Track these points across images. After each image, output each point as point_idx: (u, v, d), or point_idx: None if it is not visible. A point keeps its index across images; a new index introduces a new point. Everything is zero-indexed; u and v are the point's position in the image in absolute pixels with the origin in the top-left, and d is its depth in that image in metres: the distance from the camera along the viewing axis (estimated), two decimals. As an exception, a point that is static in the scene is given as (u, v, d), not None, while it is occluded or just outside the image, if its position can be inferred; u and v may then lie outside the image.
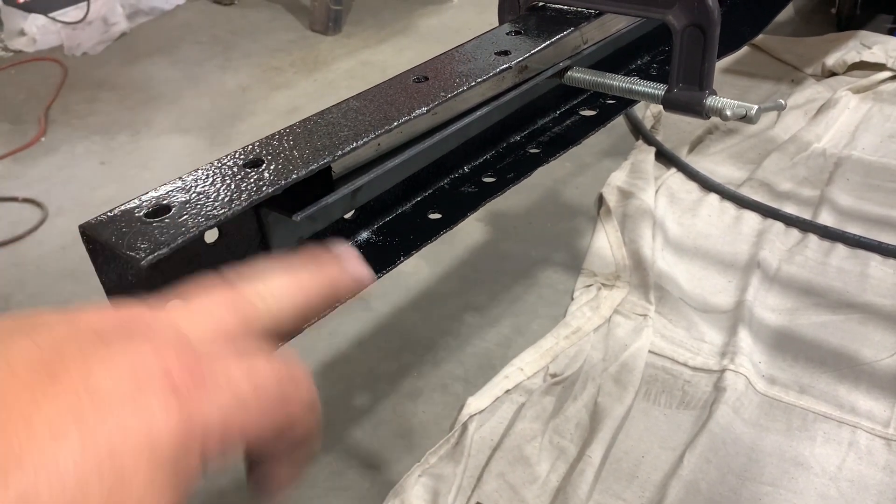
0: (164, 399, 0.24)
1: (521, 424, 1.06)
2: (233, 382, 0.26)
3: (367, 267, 0.35)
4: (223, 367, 0.27)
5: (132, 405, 0.23)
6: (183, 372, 0.25)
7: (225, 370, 0.26)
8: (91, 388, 0.23)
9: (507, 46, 0.67)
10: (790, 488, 0.96)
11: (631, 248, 1.36)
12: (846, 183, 1.52)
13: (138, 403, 0.24)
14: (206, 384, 0.25)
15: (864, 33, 1.99)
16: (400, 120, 0.57)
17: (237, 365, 0.27)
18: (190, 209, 0.46)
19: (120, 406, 0.23)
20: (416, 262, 1.41)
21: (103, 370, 0.24)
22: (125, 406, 0.23)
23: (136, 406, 0.24)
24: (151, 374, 0.24)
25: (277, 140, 0.54)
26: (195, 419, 0.25)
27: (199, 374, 0.25)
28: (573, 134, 0.83)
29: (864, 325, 1.19)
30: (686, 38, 0.66)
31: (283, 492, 0.32)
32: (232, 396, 0.26)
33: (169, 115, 2.08)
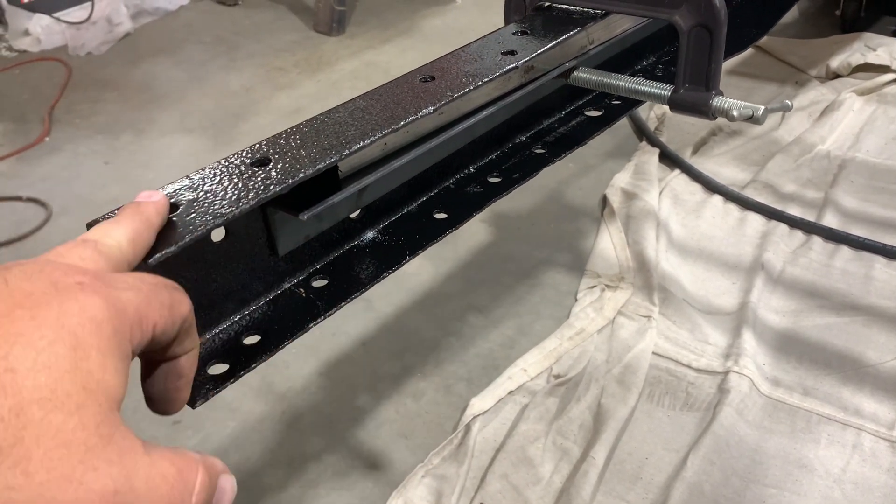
0: (84, 293, 0.31)
1: (525, 425, 1.06)
2: (130, 283, 0.34)
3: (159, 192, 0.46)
4: (119, 276, 0.35)
5: (60, 296, 0.31)
6: (90, 277, 0.33)
7: (121, 277, 0.35)
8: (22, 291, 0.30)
9: (514, 46, 0.67)
10: (794, 490, 0.96)
11: (634, 250, 1.36)
12: (850, 185, 1.52)
13: (64, 295, 0.31)
14: (112, 283, 0.33)
15: (869, 35, 1.99)
16: (406, 119, 0.57)
17: (129, 275, 0.36)
18: (198, 207, 0.46)
19: (52, 297, 0.30)
20: (419, 263, 1.41)
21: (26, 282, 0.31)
22: (56, 297, 0.30)
23: (65, 295, 0.31)
24: (67, 282, 0.32)
25: (284, 139, 0.54)
26: (114, 304, 0.32)
27: (103, 278, 0.33)
28: (579, 134, 0.83)
29: (869, 327, 1.19)
30: (693, 38, 0.66)
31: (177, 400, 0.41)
32: (134, 292, 0.34)
33: (173, 115, 2.08)
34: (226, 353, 0.54)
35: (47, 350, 0.29)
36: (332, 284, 0.62)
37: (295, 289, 0.61)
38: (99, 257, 0.37)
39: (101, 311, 0.31)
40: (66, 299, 0.31)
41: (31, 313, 0.29)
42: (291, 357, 1.23)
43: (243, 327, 0.57)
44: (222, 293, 0.55)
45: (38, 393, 0.28)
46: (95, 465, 0.29)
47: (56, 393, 0.28)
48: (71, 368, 0.29)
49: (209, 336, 0.55)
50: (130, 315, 0.33)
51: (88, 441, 0.29)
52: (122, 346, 0.32)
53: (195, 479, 0.33)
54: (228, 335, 0.56)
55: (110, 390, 0.30)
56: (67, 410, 0.28)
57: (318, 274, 0.63)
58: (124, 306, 0.32)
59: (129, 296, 0.33)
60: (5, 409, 0.27)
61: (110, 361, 0.31)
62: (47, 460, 0.27)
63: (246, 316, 0.57)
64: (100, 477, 0.29)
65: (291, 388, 1.18)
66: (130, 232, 0.40)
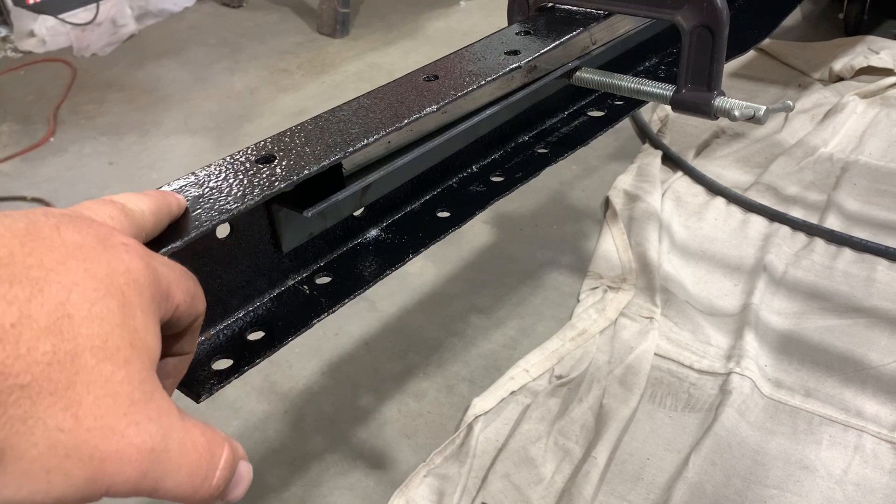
0: (129, 255, 0.32)
1: (527, 426, 1.06)
2: (164, 261, 0.35)
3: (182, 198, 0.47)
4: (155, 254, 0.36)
5: (108, 254, 0.32)
6: (133, 242, 0.34)
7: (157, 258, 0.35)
8: (74, 243, 0.31)
9: (517, 46, 0.68)
10: (796, 492, 0.96)
11: (637, 251, 1.36)
12: (853, 187, 1.52)
13: (111, 253, 0.32)
14: (151, 254, 0.34)
15: (872, 38, 1.99)
16: (410, 118, 0.57)
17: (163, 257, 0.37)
18: (203, 203, 0.47)
19: (101, 253, 0.31)
20: (422, 264, 1.42)
21: (77, 234, 0.31)
22: (104, 253, 0.31)
23: (112, 253, 0.32)
24: (113, 241, 0.33)
25: (289, 137, 0.55)
26: (153, 272, 0.33)
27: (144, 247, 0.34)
28: (581, 134, 0.83)
29: (871, 329, 1.19)
30: (695, 38, 0.66)
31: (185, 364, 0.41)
32: (168, 269, 0.35)
33: (177, 116, 2.09)
34: (230, 349, 0.54)
35: (100, 302, 0.30)
36: (335, 281, 0.62)
37: (299, 286, 0.61)
38: (125, 219, 0.38)
39: (143, 275, 0.32)
40: (113, 258, 0.32)
41: (84, 265, 0.30)
42: (294, 356, 1.23)
43: (247, 323, 0.57)
44: (227, 289, 0.56)
45: (91, 341, 0.29)
46: (137, 419, 0.29)
47: (108, 344, 0.29)
48: (121, 323, 0.30)
49: (214, 332, 0.55)
50: (163, 286, 0.34)
51: (133, 395, 0.30)
52: (157, 311, 0.33)
53: (221, 454, 0.33)
54: (233, 331, 0.56)
55: (151, 350, 0.32)
56: (116, 362, 0.29)
57: (321, 271, 0.63)
58: (159, 276, 0.34)
59: (165, 270, 0.35)
60: (63, 353, 0.28)
61: (151, 323, 0.32)
62: (96, 408, 0.28)
63: (250, 312, 0.58)
64: (140, 432, 0.29)
65: (294, 388, 1.19)
66: (154, 206, 0.41)
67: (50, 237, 0.30)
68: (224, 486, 0.33)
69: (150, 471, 0.30)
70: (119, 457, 0.29)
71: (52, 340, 0.28)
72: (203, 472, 0.32)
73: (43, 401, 0.27)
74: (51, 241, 0.30)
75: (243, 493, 0.36)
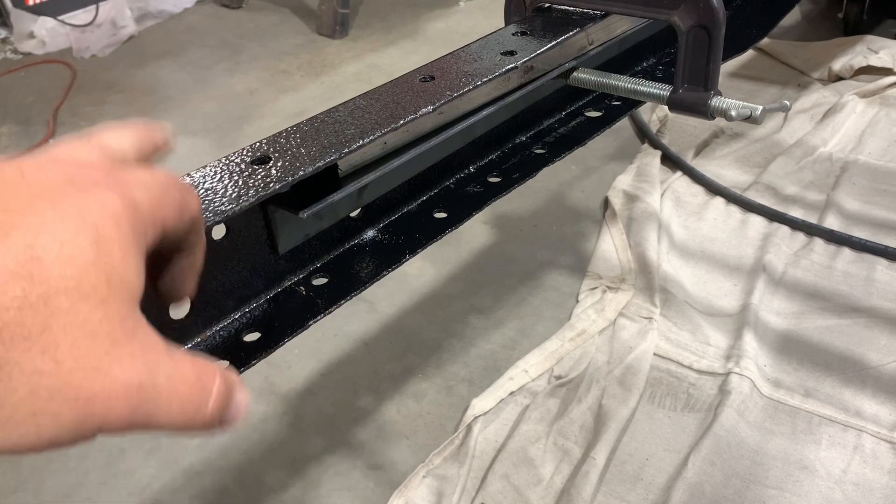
0: (100, 189, 0.31)
1: (526, 426, 1.06)
2: (142, 180, 0.34)
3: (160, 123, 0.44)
4: (131, 171, 0.34)
5: (78, 191, 0.30)
6: (103, 174, 0.32)
7: (133, 173, 0.34)
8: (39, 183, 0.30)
9: (513, 47, 0.68)
10: (795, 492, 0.96)
11: (636, 252, 1.36)
12: (852, 187, 1.52)
13: (82, 190, 0.30)
14: (126, 182, 0.33)
15: (871, 38, 1.99)
16: (406, 118, 0.57)
17: (140, 171, 0.35)
18: (198, 205, 0.47)
19: (70, 192, 0.30)
20: (421, 265, 1.42)
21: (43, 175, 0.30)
22: (74, 191, 0.30)
23: (83, 191, 0.30)
24: (83, 177, 0.31)
25: (285, 138, 0.55)
26: (130, 202, 0.31)
27: (116, 175, 0.33)
28: (579, 135, 0.83)
29: (870, 328, 1.19)
30: (691, 38, 0.66)
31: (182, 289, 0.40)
32: (147, 190, 0.33)
33: (176, 117, 2.09)
34: (226, 351, 0.54)
35: (71, 241, 0.28)
36: (332, 283, 0.62)
37: (295, 287, 0.61)
38: (104, 159, 0.36)
39: (118, 207, 0.31)
40: (84, 194, 0.30)
41: (52, 205, 0.29)
42: (293, 358, 1.23)
43: (244, 325, 0.57)
44: (223, 291, 0.56)
45: (64, 283, 0.28)
46: (121, 357, 0.29)
47: (82, 284, 0.28)
48: (95, 261, 0.29)
49: (210, 333, 0.55)
50: (145, 213, 0.32)
51: (114, 334, 0.29)
52: (138, 243, 0.32)
53: (213, 385, 0.33)
54: (229, 332, 0.56)
55: (131, 286, 0.30)
56: (93, 302, 0.28)
57: (318, 272, 0.63)
58: (138, 204, 0.32)
59: (143, 194, 0.33)
60: (34, 296, 0.27)
61: (130, 257, 0.31)
62: (75, 349, 0.28)
63: (246, 313, 0.58)
64: (125, 369, 0.29)
65: (293, 389, 1.19)
66: (135, 142, 0.39)
67: (13, 181, 0.29)
68: (219, 414, 0.33)
69: (139, 406, 0.29)
70: (106, 395, 0.28)
71: (22, 284, 0.27)
72: (195, 403, 0.32)
73: (17, 346, 0.27)
74: (14, 184, 0.29)
75: (239, 418, 0.36)
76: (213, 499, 1.03)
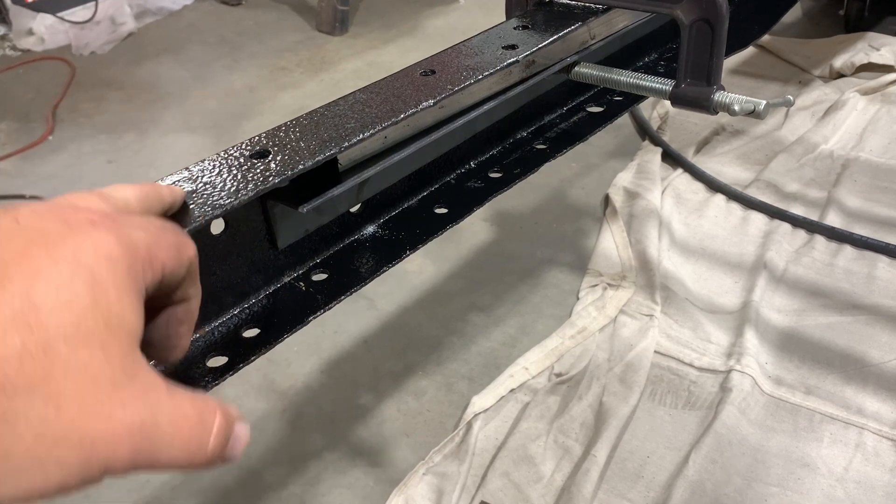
0: (96, 231, 0.31)
1: (526, 424, 1.06)
2: (138, 223, 0.34)
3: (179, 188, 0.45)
4: (127, 216, 0.35)
5: (74, 234, 0.30)
6: (99, 216, 0.33)
7: (129, 217, 0.35)
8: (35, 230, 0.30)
9: (515, 41, 0.67)
10: (796, 489, 0.96)
11: (637, 249, 1.36)
12: (853, 184, 1.52)
13: (77, 232, 0.31)
14: (122, 223, 0.33)
15: (872, 35, 1.98)
16: (406, 112, 0.56)
17: (136, 216, 0.36)
18: (196, 199, 0.46)
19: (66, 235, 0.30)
20: (421, 262, 1.41)
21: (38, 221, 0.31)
22: (69, 234, 0.30)
23: (78, 233, 0.31)
24: (78, 219, 0.31)
25: (284, 132, 0.54)
26: (126, 243, 0.32)
27: (112, 217, 0.33)
28: (580, 130, 0.83)
29: (872, 326, 1.18)
30: (694, 32, 0.66)
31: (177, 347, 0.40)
32: (144, 231, 0.34)
33: (176, 114, 2.08)
34: (225, 346, 0.54)
35: (67, 287, 0.29)
36: (331, 278, 0.62)
37: (295, 282, 0.61)
38: (104, 204, 0.37)
39: (114, 248, 0.31)
40: (79, 237, 0.31)
41: (46, 251, 0.29)
42: (293, 355, 1.23)
43: (243, 320, 0.57)
44: (222, 286, 0.55)
45: (62, 330, 0.28)
46: (123, 399, 0.29)
47: (80, 330, 0.29)
48: (91, 305, 0.29)
49: (208, 329, 0.55)
50: (142, 254, 0.33)
51: (115, 377, 0.29)
52: (136, 283, 0.32)
53: (213, 422, 0.33)
54: (228, 328, 0.56)
55: (130, 327, 0.31)
56: (93, 348, 0.29)
57: (317, 268, 0.63)
58: (135, 245, 0.33)
59: (140, 234, 0.33)
60: (33, 345, 0.27)
61: (127, 298, 0.31)
62: (77, 395, 0.28)
63: (245, 309, 0.57)
64: (127, 412, 0.29)
65: (293, 386, 1.18)
66: (140, 193, 0.40)
67: (9, 229, 0.30)
68: (220, 451, 0.34)
69: (142, 447, 0.30)
70: (110, 437, 0.29)
71: (20, 335, 0.27)
72: (196, 442, 0.32)
73: (20, 396, 0.27)
74: (10, 232, 0.30)
75: (241, 453, 0.36)
76: (212, 496, 1.03)
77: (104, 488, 1.04)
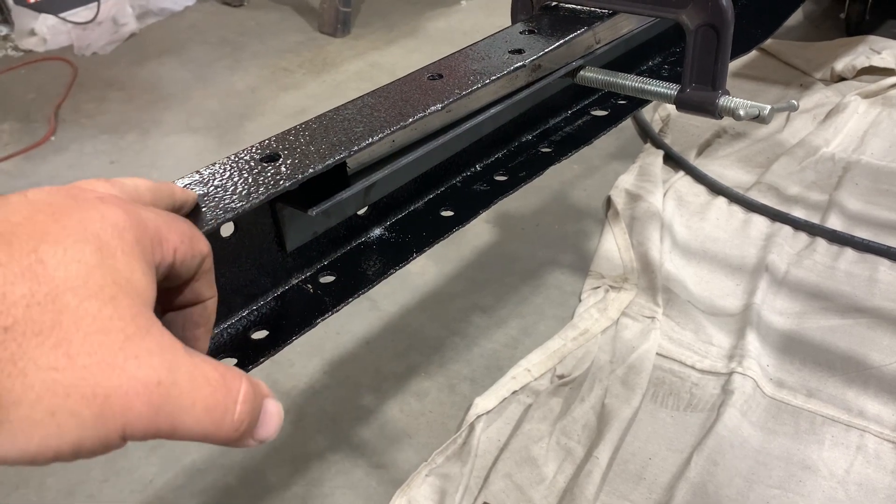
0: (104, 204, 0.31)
1: (529, 425, 1.06)
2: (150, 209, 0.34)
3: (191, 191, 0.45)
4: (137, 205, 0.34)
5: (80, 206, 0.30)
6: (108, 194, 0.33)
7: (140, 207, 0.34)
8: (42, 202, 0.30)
9: (521, 45, 0.68)
10: (798, 491, 0.96)
11: (639, 251, 1.36)
12: (855, 187, 1.52)
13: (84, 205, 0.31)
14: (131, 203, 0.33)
15: (874, 38, 1.99)
16: (415, 117, 0.57)
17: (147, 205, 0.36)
18: (208, 202, 0.47)
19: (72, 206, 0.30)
20: (423, 263, 1.41)
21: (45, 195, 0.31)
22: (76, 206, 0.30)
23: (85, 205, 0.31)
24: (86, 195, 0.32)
25: (294, 135, 0.55)
26: (134, 217, 0.32)
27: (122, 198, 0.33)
28: (585, 133, 0.83)
29: (873, 329, 1.19)
30: (699, 37, 0.66)
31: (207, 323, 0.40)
32: (154, 214, 0.34)
33: (178, 115, 2.09)
34: (234, 348, 0.54)
35: (73, 247, 0.28)
36: (339, 280, 0.62)
37: (303, 284, 0.61)
38: (114, 190, 0.36)
39: (122, 219, 0.31)
40: (86, 208, 0.30)
41: (53, 217, 0.29)
42: (296, 356, 1.23)
43: (251, 322, 0.57)
44: (231, 288, 0.56)
45: (70, 282, 0.28)
46: (136, 353, 0.28)
47: (88, 283, 0.28)
48: (99, 264, 0.29)
49: (217, 331, 0.55)
50: (151, 230, 0.32)
51: (126, 329, 0.28)
52: (145, 254, 0.31)
53: (239, 387, 0.31)
54: (237, 330, 0.56)
55: (140, 289, 0.30)
56: (102, 300, 0.28)
57: (325, 270, 0.63)
58: (144, 221, 0.32)
59: (149, 215, 0.33)
60: (41, 295, 0.27)
61: (137, 264, 0.30)
62: (87, 344, 0.27)
63: (254, 311, 0.58)
64: (142, 367, 0.28)
65: (296, 387, 1.19)
66: (151, 185, 0.40)
67: (17, 201, 0.30)
68: (248, 421, 0.32)
69: (161, 405, 0.28)
70: (124, 391, 0.28)
71: (28, 284, 0.27)
72: (222, 405, 0.30)
73: (29, 341, 0.26)
74: (17, 203, 0.30)
75: (275, 432, 0.34)
76: (215, 496, 1.03)
77: (108, 488, 1.04)
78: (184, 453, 1.09)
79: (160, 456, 1.08)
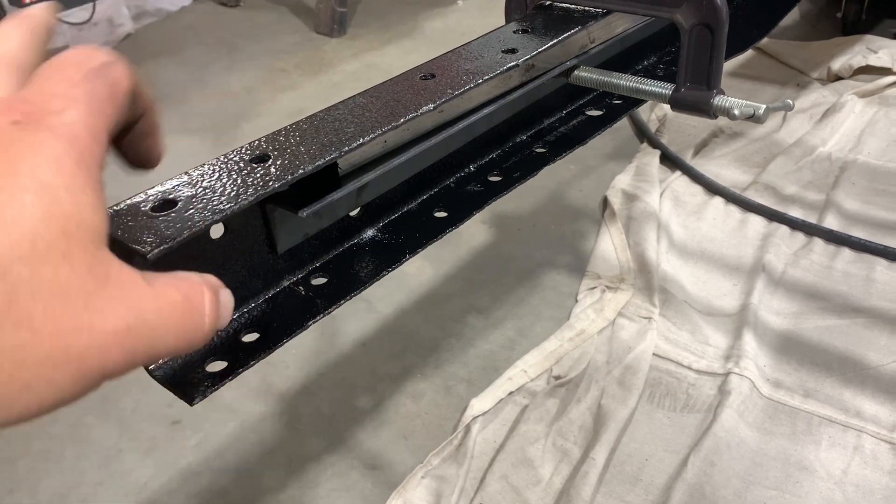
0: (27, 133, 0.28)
1: (525, 426, 1.06)
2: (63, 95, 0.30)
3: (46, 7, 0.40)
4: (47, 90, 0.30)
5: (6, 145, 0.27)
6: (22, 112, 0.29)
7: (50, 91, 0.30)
8: None
9: (514, 45, 0.67)
10: (795, 492, 0.96)
11: (635, 251, 1.36)
12: (851, 187, 1.52)
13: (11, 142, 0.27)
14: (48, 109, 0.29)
15: (870, 38, 1.99)
16: (406, 117, 0.56)
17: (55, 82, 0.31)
18: (196, 203, 0.46)
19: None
20: (419, 264, 1.41)
21: None
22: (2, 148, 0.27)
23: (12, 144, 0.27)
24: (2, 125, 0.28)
25: (284, 136, 0.54)
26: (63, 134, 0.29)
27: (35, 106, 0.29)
28: (579, 134, 0.83)
29: (870, 329, 1.18)
30: (694, 37, 0.66)
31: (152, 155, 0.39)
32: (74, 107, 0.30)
33: (174, 115, 2.08)
34: (224, 351, 0.54)
35: (11, 204, 0.26)
36: (331, 282, 0.62)
37: (294, 287, 0.61)
38: (7, 75, 0.33)
39: (53, 146, 0.28)
40: (11, 145, 0.28)
41: None
42: (291, 357, 1.22)
43: (242, 325, 0.56)
44: (221, 290, 0.55)
45: (16, 251, 0.26)
46: (100, 307, 0.28)
47: (36, 246, 0.26)
48: (44, 216, 0.27)
49: (208, 333, 0.55)
50: (84, 138, 0.30)
51: (85, 287, 0.28)
52: (89, 174, 0.29)
53: (203, 301, 0.32)
54: (227, 333, 0.55)
55: (91, 228, 0.29)
56: (54, 262, 0.27)
57: (317, 272, 0.63)
58: (74, 131, 0.29)
59: (73, 115, 0.30)
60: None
61: (82, 197, 0.29)
62: (50, 313, 0.26)
63: (245, 314, 0.57)
64: (108, 318, 0.28)
65: (291, 389, 1.18)
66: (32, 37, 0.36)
67: None
68: (215, 326, 0.33)
69: (135, 347, 0.29)
70: (97, 347, 0.28)
71: None
72: (192, 327, 0.31)
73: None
74: None
75: (229, 318, 0.35)
76: (210, 499, 1.03)
77: (102, 491, 1.04)
78: (179, 456, 1.08)
79: (155, 459, 1.08)
